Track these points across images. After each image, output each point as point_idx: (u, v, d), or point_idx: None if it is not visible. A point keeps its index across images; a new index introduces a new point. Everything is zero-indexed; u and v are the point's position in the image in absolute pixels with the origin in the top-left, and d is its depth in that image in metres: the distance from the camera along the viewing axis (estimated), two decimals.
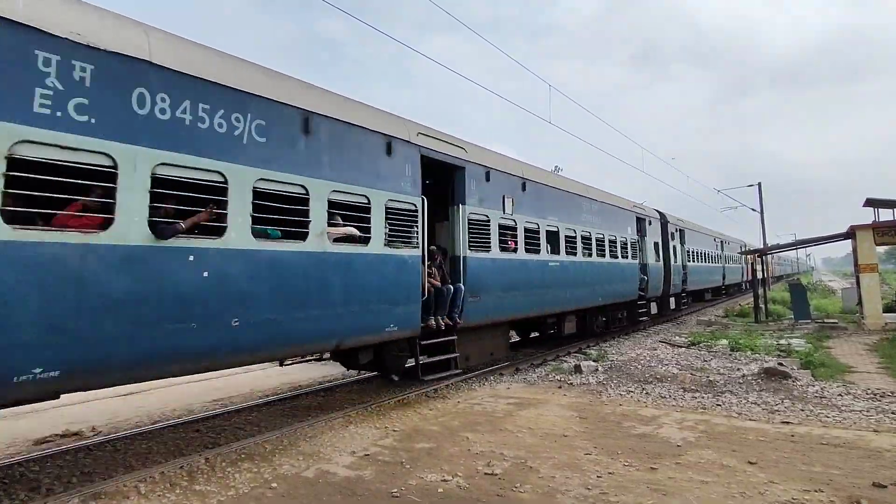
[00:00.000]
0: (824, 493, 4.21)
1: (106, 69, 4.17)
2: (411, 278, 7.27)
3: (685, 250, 21.02)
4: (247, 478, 4.84)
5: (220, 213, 4.96)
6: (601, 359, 11.01)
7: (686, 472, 4.72)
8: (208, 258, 4.81)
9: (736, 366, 9.96)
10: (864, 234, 16.46)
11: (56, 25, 3.90)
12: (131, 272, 4.26)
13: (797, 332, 15.59)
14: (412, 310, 7.26)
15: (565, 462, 5.07)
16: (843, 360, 10.66)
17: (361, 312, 6.44)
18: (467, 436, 6.00)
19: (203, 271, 4.75)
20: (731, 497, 4.18)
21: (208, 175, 4.89)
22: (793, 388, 7.99)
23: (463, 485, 4.57)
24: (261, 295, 5.25)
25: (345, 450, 5.58)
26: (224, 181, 4.99)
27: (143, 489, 4.54)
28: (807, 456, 5.08)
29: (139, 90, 4.40)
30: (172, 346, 4.54)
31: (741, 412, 6.85)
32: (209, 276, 4.79)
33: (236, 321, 4.98)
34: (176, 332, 4.54)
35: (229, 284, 4.97)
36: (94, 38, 4.13)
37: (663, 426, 6.26)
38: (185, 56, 4.87)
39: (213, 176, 4.93)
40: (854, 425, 6.14)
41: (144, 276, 4.35)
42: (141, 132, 4.38)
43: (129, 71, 4.35)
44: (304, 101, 5.94)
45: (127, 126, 4.29)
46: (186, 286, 4.63)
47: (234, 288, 5.01)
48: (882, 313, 16.20)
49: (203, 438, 6.37)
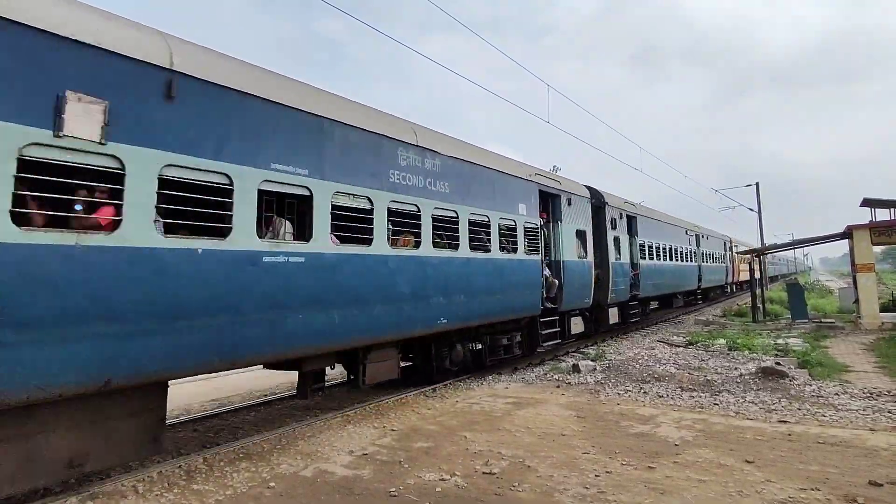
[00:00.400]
0: (821, 491, 4.22)
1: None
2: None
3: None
4: (245, 477, 4.84)
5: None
6: (599, 358, 11.03)
7: (684, 471, 4.74)
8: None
9: (733, 365, 9.98)
10: (860, 233, 16.52)
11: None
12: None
13: (794, 331, 15.64)
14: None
15: (563, 461, 5.08)
16: (841, 360, 10.71)
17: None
18: (465, 435, 6.00)
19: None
20: (729, 496, 4.20)
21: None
22: (790, 388, 8.01)
23: (461, 484, 4.58)
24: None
25: (343, 449, 5.58)
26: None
27: (141, 489, 4.54)
28: (804, 455, 5.10)
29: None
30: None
31: (739, 411, 6.87)
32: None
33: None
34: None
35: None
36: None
37: (661, 425, 6.28)
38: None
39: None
40: (851, 424, 6.16)
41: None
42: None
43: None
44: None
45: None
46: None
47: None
48: (879, 313, 16.27)
49: (201, 438, 6.37)
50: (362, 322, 6.34)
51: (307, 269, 5.65)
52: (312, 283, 5.72)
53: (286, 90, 5.80)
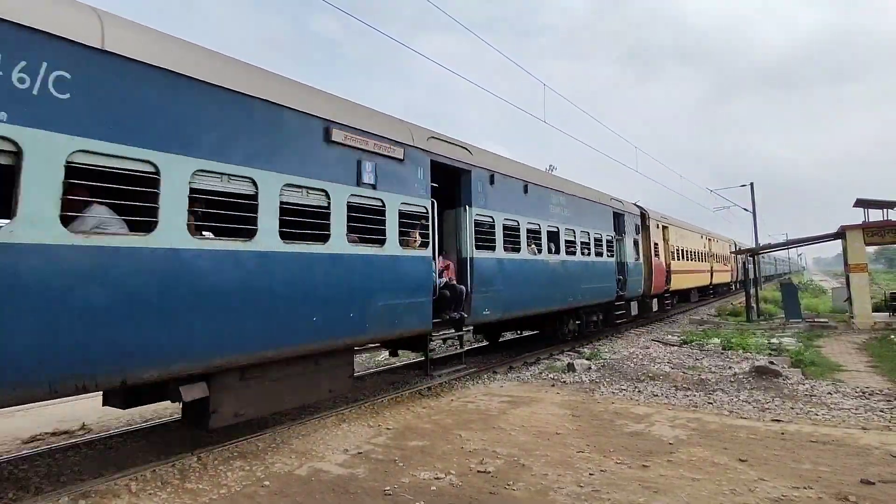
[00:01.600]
0: (813, 489, 4.25)
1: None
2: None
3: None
4: (239, 476, 4.82)
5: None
6: (594, 357, 11.06)
7: (677, 470, 4.76)
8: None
9: (727, 364, 10.04)
10: (854, 234, 16.63)
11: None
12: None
13: (788, 331, 15.74)
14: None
15: (558, 460, 5.09)
16: (834, 359, 10.78)
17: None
18: (460, 434, 6.00)
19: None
20: (722, 494, 4.22)
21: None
22: (783, 387, 8.06)
23: (456, 483, 4.58)
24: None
25: (338, 448, 5.57)
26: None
27: (135, 487, 4.51)
28: (796, 453, 5.13)
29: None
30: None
31: (732, 410, 6.91)
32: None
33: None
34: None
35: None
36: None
37: (655, 424, 6.30)
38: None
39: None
40: (843, 423, 6.20)
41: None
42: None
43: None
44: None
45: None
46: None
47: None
48: (871, 312, 16.38)
49: (195, 436, 6.33)
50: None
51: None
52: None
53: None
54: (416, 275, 7.34)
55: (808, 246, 21.59)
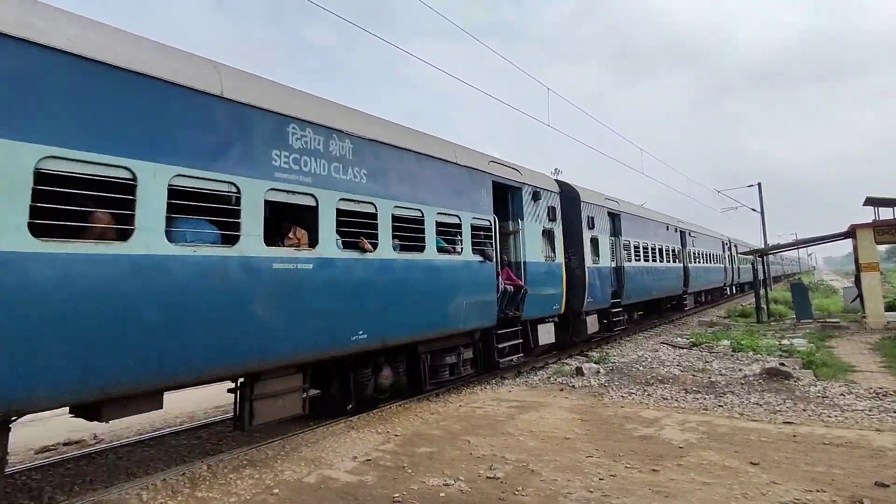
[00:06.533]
0: (827, 493, 4.20)
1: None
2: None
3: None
4: (249, 484, 4.84)
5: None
6: (603, 361, 11.00)
7: (688, 474, 4.72)
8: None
9: (738, 366, 9.94)
10: (864, 232, 16.44)
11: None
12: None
13: (799, 331, 15.56)
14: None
15: (567, 465, 5.07)
16: (846, 360, 10.65)
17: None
18: (469, 439, 5.99)
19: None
20: (734, 498, 4.17)
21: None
22: (795, 389, 7.97)
23: (465, 489, 4.57)
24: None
25: (346, 455, 5.58)
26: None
27: (146, 496, 4.55)
28: (809, 456, 5.07)
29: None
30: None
31: (743, 413, 6.84)
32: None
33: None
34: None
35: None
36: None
37: (665, 428, 6.25)
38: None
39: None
40: (856, 425, 6.12)
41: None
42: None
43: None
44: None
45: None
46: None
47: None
48: (884, 312, 16.17)
49: (205, 445, 6.37)
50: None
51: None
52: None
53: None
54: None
55: (817, 245, 21.38)
